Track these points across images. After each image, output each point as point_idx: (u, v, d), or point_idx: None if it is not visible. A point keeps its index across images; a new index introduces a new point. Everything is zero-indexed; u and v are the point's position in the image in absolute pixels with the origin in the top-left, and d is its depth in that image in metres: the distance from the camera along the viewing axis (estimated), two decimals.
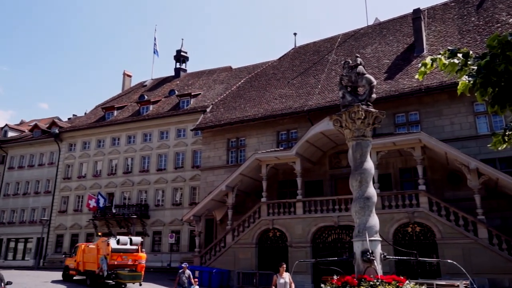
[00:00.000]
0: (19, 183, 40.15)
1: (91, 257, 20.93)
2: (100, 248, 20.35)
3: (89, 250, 21.72)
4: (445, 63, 4.29)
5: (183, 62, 43.66)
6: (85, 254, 21.62)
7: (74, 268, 22.04)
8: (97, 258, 20.16)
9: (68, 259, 23.60)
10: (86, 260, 21.27)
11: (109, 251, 19.70)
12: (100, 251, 20.18)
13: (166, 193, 33.01)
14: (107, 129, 37.11)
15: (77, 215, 36.08)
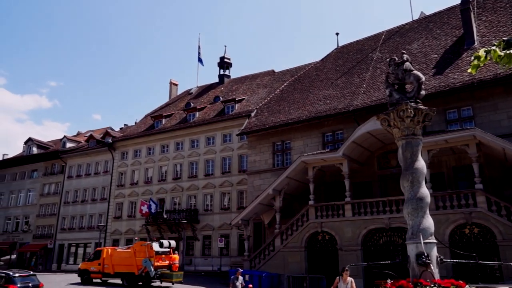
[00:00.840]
0: (77, 191, 42.34)
1: (125, 260, 22.69)
2: (138, 251, 22.13)
3: (120, 254, 23.49)
4: (500, 54, 4.07)
5: (227, 69, 44.31)
6: (115, 258, 23.24)
7: (98, 271, 23.43)
8: (134, 260, 21.92)
9: (86, 263, 24.87)
10: (117, 263, 22.90)
11: (153, 254, 21.59)
12: (137, 254, 21.96)
13: (214, 198, 33.55)
14: (156, 137, 38.35)
15: (131, 220, 37.49)
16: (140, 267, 21.53)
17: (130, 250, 23.08)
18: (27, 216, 45.02)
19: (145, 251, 21.91)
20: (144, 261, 21.40)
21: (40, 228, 43.49)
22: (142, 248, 22.27)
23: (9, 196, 47.16)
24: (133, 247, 23.26)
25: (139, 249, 22.40)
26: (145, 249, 22.05)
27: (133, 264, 21.95)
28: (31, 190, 45.92)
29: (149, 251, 21.78)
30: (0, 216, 45.92)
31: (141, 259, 21.71)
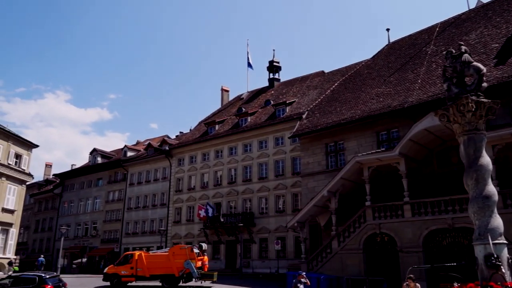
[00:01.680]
0: (139, 197, 44.36)
1: (162, 263, 23.86)
2: (176, 254, 23.75)
3: (155, 257, 24.62)
4: None
5: (276, 72, 44.51)
6: (150, 261, 24.23)
7: (131, 274, 24.18)
8: (173, 263, 23.42)
9: (114, 267, 24.95)
10: (152, 266, 23.93)
11: (194, 256, 23.65)
12: (175, 257, 23.56)
13: (269, 201, 33.75)
14: (210, 143, 39.31)
15: (190, 224, 38.64)
16: (181, 268, 23.19)
17: (166, 254, 24.54)
18: (95, 222, 47.80)
19: (185, 254, 23.65)
20: (187, 263, 23.03)
21: (107, 233, 45.98)
22: (182, 251, 24.00)
23: (78, 203, 50.35)
24: (170, 250, 24.87)
25: (178, 252, 24.08)
26: (186, 251, 23.85)
27: (172, 266, 23.48)
28: (97, 197, 48.74)
29: (190, 254, 23.62)
30: (72, 222, 49.07)
31: (180, 261, 23.40)
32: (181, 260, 23.45)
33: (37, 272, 17.93)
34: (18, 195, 36.50)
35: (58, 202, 52.63)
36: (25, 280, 16.15)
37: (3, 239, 34.64)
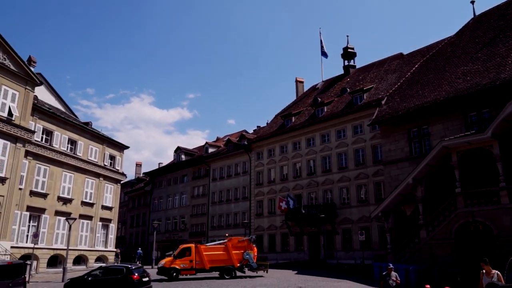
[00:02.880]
0: (221, 192, 46.03)
1: (221, 255, 24.59)
2: (234, 246, 24.78)
3: (213, 250, 25.11)
4: None
5: (351, 59, 43.25)
6: (208, 254, 24.63)
7: (191, 267, 24.32)
8: (231, 254, 24.42)
9: (172, 261, 24.22)
10: (211, 258, 24.44)
11: (252, 248, 25.15)
12: (233, 249, 24.61)
13: (351, 191, 33.05)
14: (287, 135, 39.44)
15: (272, 217, 39.23)
16: (240, 260, 24.45)
17: (223, 246, 25.24)
18: (183, 216, 50.58)
19: (244, 246, 24.92)
20: (246, 254, 24.51)
21: (194, 226, 48.41)
22: (241, 244, 25.17)
23: (167, 199, 53.64)
24: (228, 242, 25.40)
25: (236, 244, 25.09)
26: (244, 243, 25.14)
27: (230, 258, 24.47)
28: (183, 193, 51.49)
29: (249, 245, 25.05)
30: (162, 217, 52.45)
31: (238, 252, 24.60)
32: (240, 251, 24.76)
33: (124, 264, 19.24)
34: (114, 193, 39.88)
35: (149, 198, 56.52)
36: (115, 270, 17.47)
37: (104, 233, 38.12)
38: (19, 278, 15.45)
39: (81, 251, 34.73)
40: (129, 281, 16.59)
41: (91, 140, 37.31)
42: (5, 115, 25.93)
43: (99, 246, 37.08)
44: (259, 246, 39.69)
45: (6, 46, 26.40)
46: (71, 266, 31.78)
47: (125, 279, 16.62)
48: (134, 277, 16.80)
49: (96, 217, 36.81)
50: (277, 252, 37.75)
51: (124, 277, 16.70)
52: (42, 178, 31.37)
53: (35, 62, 34.85)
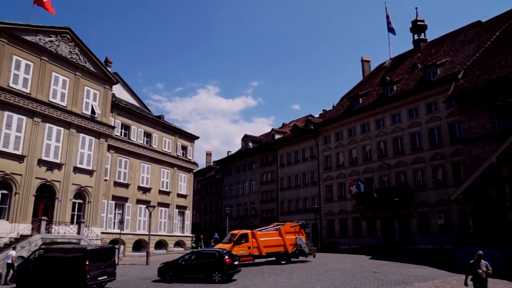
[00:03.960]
0: (290, 177, 46.25)
1: (276, 241, 24.35)
2: (287, 232, 24.71)
3: (268, 236, 24.62)
4: None
5: (421, 32, 40.90)
6: (264, 240, 24.17)
7: (249, 254, 23.61)
8: (286, 240, 24.42)
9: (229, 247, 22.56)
10: (267, 244, 24.01)
11: (303, 233, 25.20)
12: (286, 235, 24.55)
13: (426, 173, 31.58)
14: (355, 118, 38.47)
15: (342, 201, 38.75)
16: (293, 245, 24.50)
17: (277, 232, 24.97)
18: (253, 202, 51.65)
19: (296, 231, 24.99)
20: (299, 240, 24.62)
21: (264, 212, 49.27)
22: (293, 229, 25.13)
23: (237, 186, 55.04)
24: (282, 227, 25.27)
25: (289, 229, 25.03)
26: (296, 228, 25.23)
27: (285, 243, 24.41)
28: (252, 179, 52.47)
29: (301, 231, 25.18)
30: (233, 204, 53.97)
31: (291, 238, 24.60)
32: (292, 237, 24.82)
33: (215, 248, 19.82)
34: (187, 181, 41.75)
35: (220, 186, 58.36)
36: (207, 255, 18.06)
37: (180, 220, 40.16)
38: (110, 260, 16.89)
39: (161, 236, 36.96)
40: (222, 264, 17.13)
41: (164, 132, 39.25)
42: (89, 113, 28.08)
43: (176, 232, 39.20)
44: (330, 231, 39.51)
45: (86, 51, 28.43)
46: (153, 250, 34.00)
47: (218, 263, 17.17)
48: (227, 261, 17.33)
49: (173, 205, 38.85)
50: (349, 237, 37.31)
51: (217, 260, 17.25)
52: (124, 170, 33.66)
53: (111, 63, 37.21)
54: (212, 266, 17.19)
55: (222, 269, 17.07)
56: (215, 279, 16.90)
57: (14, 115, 23.24)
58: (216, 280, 16.86)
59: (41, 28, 25.51)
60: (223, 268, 17.09)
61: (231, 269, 17.32)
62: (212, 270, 17.12)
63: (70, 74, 27.17)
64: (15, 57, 23.70)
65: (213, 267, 17.15)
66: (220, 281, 16.78)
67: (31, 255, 17.91)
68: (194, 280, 17.24)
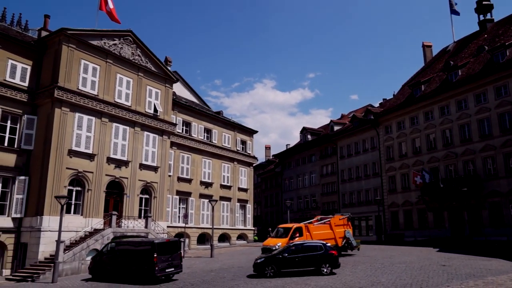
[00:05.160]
0: (350, 169, 45.40)
1: (326, 234, 23.46)
2: (337, 225, 24.26)
3: (319, 228, 24.03)
4: None
5: (487, 12, 38.19)
6: (316, 233, 23.43)
7: None
8: (336, 233, 23.90)
9: (286, 241, 22.01)
10: (319, 238, 22.80)
11: (351, 226, 24.87)
12: (335, 228, 24.04)
13: (497, 161, 29.57)
14: (417, 106, 36.87)
15: (406, 192, 37.40)
16: (342, 237, 24.06)
17: (328, 225, 24.44)
18: (314, 195, 51.39)
19: (344, 224, 24.58)
20: (348, 233, 24.24)
21: (325, 204, 48.85)
22: (341, 221, 24.70)
23: (297, 179, 55.04)
24: (332, 220, 24.74)
25: (338, 222, 24.59)
26: (344, 221, 24.80)
27: (334, 236, 23.88)
28: (312, 172, 52.17)
29: (348, 223, 24.86)
30: (294, 197, 54.05)
31: (340, 231, 24.22)
32: (341, 230, 24.43)
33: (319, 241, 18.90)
34: (248, 175, 42.49)
35: (280, 179, 58.68)
36: (311, 247, 17.45)
37: (242, 213, 41.02)
38: (176, 253, 17.70)
39: (224, 230, 38.04)
40: (331, 256, 16.99)
41: (224, 128, 40.24)
42: (151, 112, 29.53)
43: (239, 225, 40.12)
44: (394, 223, 38.34)
45: (147, 51, 29.88)
46: (217, 243, 35.11)
47: (327, 255, 16.94)
48: (336, 253, 17.29)
49: (234, 199, 39.78)
50: (414, 229, 35.97)
51: (325, 253, 17.01)
52: (186, 165, 35.04)
53: (171, 62, 38.73)
54: (320, 259, 16.86)
55: (331, 261, 16.85)
56: (325, 271, 16.59)
57: (84, 116, 25.03)
58: (326, 272, 16.54)
59: (105, 33, 27.17)
60: (332, 260, 16.88)
61: (337, 261, 17.12)
62: (320, 262, 16.78)
63: (133, 75, 28.72)
64: (83, 61, 25.49)
65: (322, 260, 16.83)
66: (329, 274, 16.48)
67: (104, 248, 19.30)
68: (300, 274, 16.64)
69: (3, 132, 22.99)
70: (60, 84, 23.72)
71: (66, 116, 23.97)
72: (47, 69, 24.74)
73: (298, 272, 16.97)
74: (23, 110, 23.82)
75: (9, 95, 23.12)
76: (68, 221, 22.68)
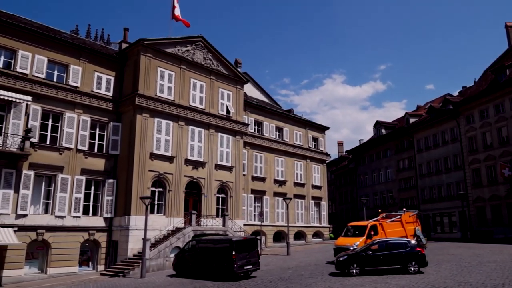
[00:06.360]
0: (429, 163, 43.06)
1: (399, 232, 22.48)
2: (407, 222, 23.31)
3: (392, 226, 23.08)
4: None
5: None
6: (391, 231, 22.39)
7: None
8: (407, 231, 22.91)
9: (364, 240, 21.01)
10: (393, 235, 21.61)
11: (419, 224, 24.04)
12: (407, 225, 23.12)
13: None
14: (503, 92, 34.01)
15: (493, 186, 34.67)
16: (412, 236, 22.63)
17: (399, 222, 23.52)
18: (390, 191, 49.48)
19: (414, 221, 23.71)
20: (418, 230, 23.04)
21: (404, 200, 46.80)
22: (411, 218, 23.81)
23: (372, 175, 53.38)
24: (402, 217, 23.77)
25: (408, 219, 23.69)
26: (413, 218, 23.92)
27: (406, 234, 22.75)
28: (388, 167, 50.27)
29: (417, 221, 24.02)
30: (369, 193, 52.44)
31: (410, 229, 23.23)
32: (411, 227, 23.41)
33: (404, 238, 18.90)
34: (321, 172, 42.13)
35: (354, 175, 57.31)
36: (395, 245, 17.04)
37: (317, 211, 40.76)
38: (254, 251, 18.10)
39: (299, 228, 38.09)
40: (417, 254, 16.50)
41: (295, 126, 40.28)
42: (224, 114, 30.43)
43: (314, 223, 39.93)
44: (481, 219, 35.75)
45: (218, 55, 30.83)
46: (293, 241, 35.24)
47: (413, 253, 16.50)
48: (423, 251, 16.89)
49: (308, 196, 39.65)
50: (504, 226, 33.18)
51: (411, 250, 16.59)
52: (259, 164, 35.62)
53: (241, 64, 39.58)
54: (406, 257, 16.40)
55: (418, 259, 16.34)
56: (412, 269, 16.13)
57: (162, 120, 26.47)
58: (413, 270, 16.08)
59: (178, 40, 28.48)
60: (419, 258, 16.38)
61: (425, 259, 16.55)
62: (406, 260, 16.33)
63: (205, 79, 29.78)
64: (159, 69, 26.96)
65: (408, 258, 16.37)
66: (416, 272, 16.02)
67: (185, 245, 20.31)
68: (385, 272, 16.32)
69: (93, 139, 25.12)
70: (140, 91, 25.33)
71: (147, 122, 25.53)
72: (128, 79, 26.56)
73: (383, 271, 16.55)
74: (109, 118, 25.81)
75: (97, 105, 25.21)
76: (152, 220, 24.13)
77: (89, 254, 24.17)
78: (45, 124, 23.26)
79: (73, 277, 21.52)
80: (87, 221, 23.90)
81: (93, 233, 23.89)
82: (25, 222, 21.32)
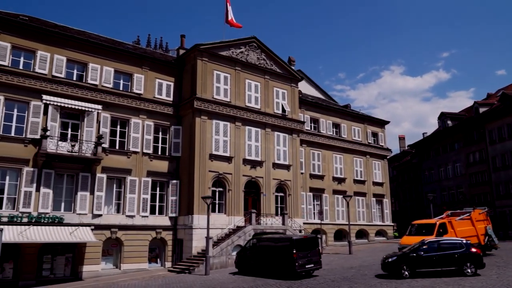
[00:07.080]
0: (504, 155, 40.05)
1: (468, 231, 21.01)
2: (477, 220, 21.77)
3: (461, 224, 21.58)
4: None
5: None
6: (460, 230, 21.12)
7: None
8: (477, 229, 21.42)
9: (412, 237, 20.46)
10: (463, 234, 20.40)
11: (490, 222, 22.39)
12: (477, 223, 21.60)
13: None
14: None
15: None
16: (483, 235, 21.41)
17: (469, 219, 22.00)
18: (460, 186, 46.69)
19: (484, 219, 22.13)
20: (489, 229, 21.65)
21: (475, 196, 43.98)
22: (481, 216, 22.22)
23: (438, 170, 50.71)
24: (472, 214, 22.23)
25: (478, 217, 22.11)
26: (483, 216, 22.30)
27: (476, 233, 21.40)
28: (456, 161, 47.48)
29: (487, 218, 22.44)
30: (436, 189, 49.84)
31: (481, 227, 21.67)
32: (482, 226, 21.92)
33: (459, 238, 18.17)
34: (382, 169, 40.82)
35: (418, 171, 54.77)
36: (449, 245, 16.38)
37: (379, 208, 39.55)
38: (315, 250, 18.02)
39: (361, 226, 37.20)
40: (474, 255, 15.95)
41: (352, 121, 39.39)
42: (280, 112, 30.52)
43: (376, 221, 38.80)
44: None
45: (271, 54, 31.00)
46: (354, 240, 34.51)
47: (469, 254, 15.95)
48: (480, 252, 16.36)
49: (369, 193, 38.61)
50: None
51: (467, 251, 16.04)
52: (317, 162, 35.28)
53: (294, 61, 39.45)
54: (461, 258, 15.79)
55: (475, 260, 15.73)
56: (469, 271, 15.55)
57: (220, 122, 27.14)
58: (470, 273, 15.51)
59: (232, 42, 29.03)
60: (476, 259, 15.77)
61: (482, 260, 15.92)
62: (462, 262, 15.73)
63: (260, 79, 30.06)
64: (215, 72, 27.70)
65: (464, 259, 15.77)
66: (473, 274, 15.44)
67: (247, 243, 20.70)
68: (439, 274, 15.76)
69: (157, 143, 26.45)
70: (198, 95, 26.20)
71: (205, 124, 26.33)
72: (186, 83, 27.60)
73: (436, 273, 15.72)
74: (170, 122, 27.01)
75: (159, 110, 26.51)
76: (214, 219, 24.84)
77: (157, 251, 25.49)
78: (114, 130, 24.95)
79: (144, 272, 22.83)
80: (154, 220, 25.21)
81: (160, 231, 25.14)
82: (100, 221, 23.07)
